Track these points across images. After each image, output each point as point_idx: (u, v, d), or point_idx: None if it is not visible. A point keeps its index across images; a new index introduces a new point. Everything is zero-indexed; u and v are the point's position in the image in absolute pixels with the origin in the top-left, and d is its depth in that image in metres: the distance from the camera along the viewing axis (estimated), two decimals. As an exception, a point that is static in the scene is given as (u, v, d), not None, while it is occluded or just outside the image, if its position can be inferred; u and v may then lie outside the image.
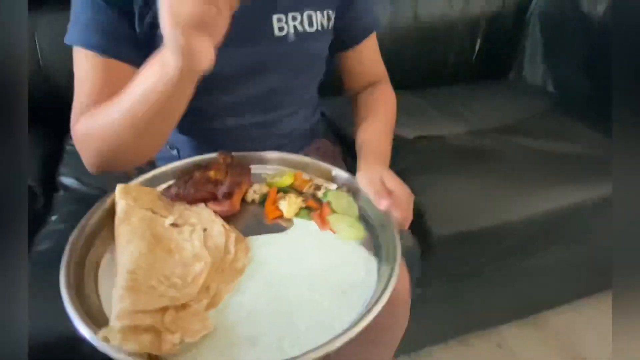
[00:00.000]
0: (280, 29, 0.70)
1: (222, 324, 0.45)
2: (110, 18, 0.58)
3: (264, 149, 0.74)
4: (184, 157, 0.70)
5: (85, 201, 0.85)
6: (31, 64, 0.88)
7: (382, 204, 0.58)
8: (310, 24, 0.71)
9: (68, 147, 0.95)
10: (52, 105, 0.87)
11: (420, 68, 1.33)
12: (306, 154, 0.87)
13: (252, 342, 0.43)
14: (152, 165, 0.83)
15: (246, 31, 0.66)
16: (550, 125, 1.14)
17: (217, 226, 0.57)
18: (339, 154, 0.97)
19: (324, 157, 0.91)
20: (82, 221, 0.55)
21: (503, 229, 0.82)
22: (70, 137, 0.63)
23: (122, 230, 0.54)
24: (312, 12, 0.71)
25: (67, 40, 0.59)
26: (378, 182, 0.62)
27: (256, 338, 0.44)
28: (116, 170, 0.68)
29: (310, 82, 0.83)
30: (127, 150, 0.58)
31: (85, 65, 0.58)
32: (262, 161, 0.74)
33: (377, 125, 0.79)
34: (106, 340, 0.39)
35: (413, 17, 1.27)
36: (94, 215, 0.56)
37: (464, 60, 1.38)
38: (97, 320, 0.43)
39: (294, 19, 0.70)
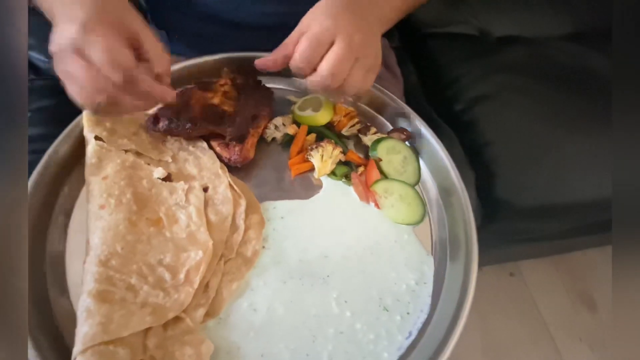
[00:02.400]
0: None
1: (223, 343, 0.35)
2: None
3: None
4: (180, 48, 0.49)
5: (62, 93, 0.67)
6: None
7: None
8: None
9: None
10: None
11: None
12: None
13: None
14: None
15: None
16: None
17: (223, 186, 0.42)
18: (390, 50, 0.71)
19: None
20: (38, 171, 0.39)
21: (595, 204, 0.63)
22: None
23: (95, 186, 0.39)
24: None
25: None
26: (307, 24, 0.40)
27: (267, 369, 0.34)
28: None
29: None
30: None
31: None
32: (287, 71, 0.52)
33: None
34: None
35: None
36: (56, 157, 0.40)
37: None
38: (63, 328, 0.33)
39: None
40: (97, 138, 0.41)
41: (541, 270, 1.21)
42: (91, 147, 0.40)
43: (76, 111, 0.43)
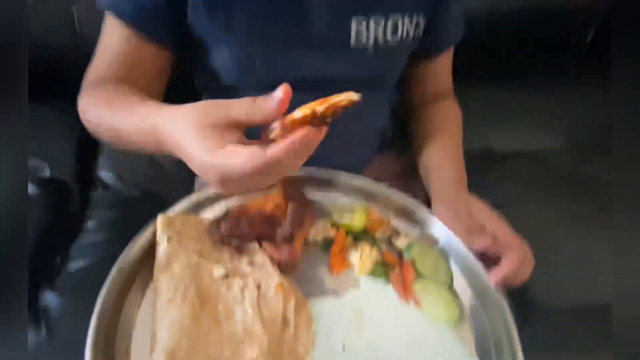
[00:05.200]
0: (358, 35, 0.56)
1: None
2: None
3: (320, 156, 0.60)
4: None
5: (124, 205, 0.76)
6: (68, 35, 0.78)
7: (478, 242, 0.47)
8: (395, 31, 0.57)
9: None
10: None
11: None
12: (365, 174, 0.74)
13: None
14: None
15: (317, 35, 0.55)
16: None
17: (273, 283, 0.46)
18: (410, 173, 0.81)
19: (392, 180, 0.77)
20: (116, 268, 0.44)
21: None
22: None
23: (163, 282, 0.43)
24: (398, 17, 0.56)
25: (99, 4, 0.54)
26: (465, 214, 0.50)
27: None
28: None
29: (384, 97, 0.69)
30: (120, 145, 0.53)
31: (111, 33, 0.54)
32: (326, 185, 0.61)
33: (450, 143, 0.65)
34: None
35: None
36: (129, 257, 0.46)
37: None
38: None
39: (377, 24, 0.56)
40: (167, 240, 0.47)
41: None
42: (163, 247, 0.46)
43: (134, 222, 0.50)
